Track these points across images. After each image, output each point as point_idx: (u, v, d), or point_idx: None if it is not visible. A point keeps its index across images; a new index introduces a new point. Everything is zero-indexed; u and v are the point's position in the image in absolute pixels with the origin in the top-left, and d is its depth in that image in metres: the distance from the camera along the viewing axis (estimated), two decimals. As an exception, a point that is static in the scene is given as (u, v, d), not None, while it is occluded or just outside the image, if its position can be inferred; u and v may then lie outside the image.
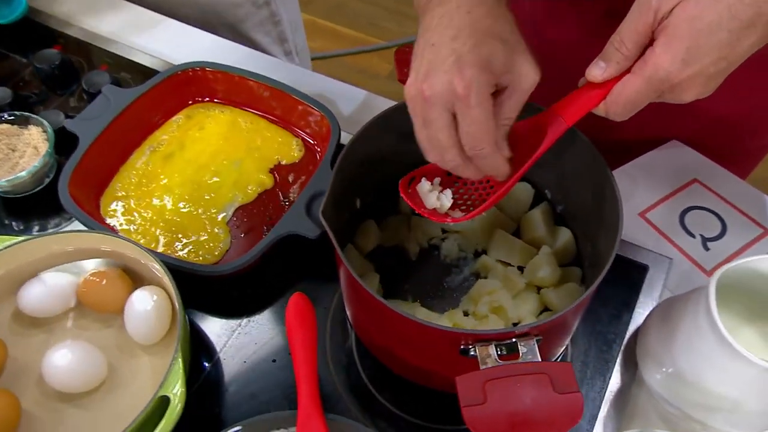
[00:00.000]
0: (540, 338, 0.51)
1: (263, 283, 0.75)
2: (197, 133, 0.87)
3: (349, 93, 0.93)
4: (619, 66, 0.49)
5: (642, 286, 0.72)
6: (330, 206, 0.60)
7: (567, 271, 0.69)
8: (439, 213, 0.61)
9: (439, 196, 0.61)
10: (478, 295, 0.67)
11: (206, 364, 0.69)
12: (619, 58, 0.49)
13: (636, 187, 0.82)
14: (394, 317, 0.52)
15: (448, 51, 0.48)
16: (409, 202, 0.60)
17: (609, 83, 0.51)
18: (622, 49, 0.49)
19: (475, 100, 0.47)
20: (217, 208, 0.80)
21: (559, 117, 0.54)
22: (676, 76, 0.47)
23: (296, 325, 0.54)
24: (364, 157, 0.67)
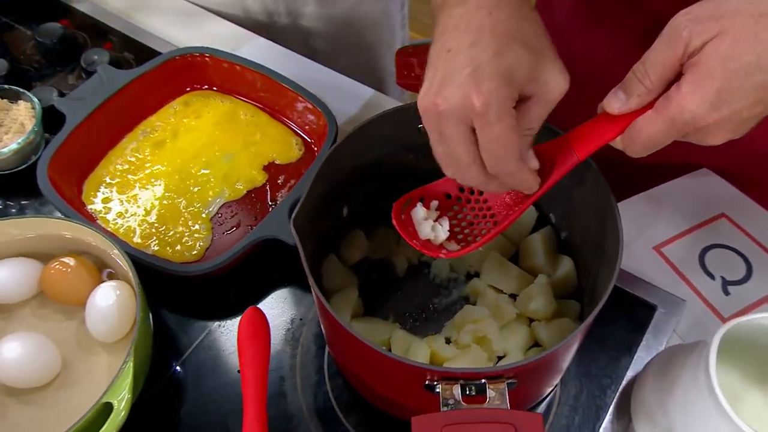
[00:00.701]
0: (514, 382, 0.47)
1: (239, 287, 0.73)
2: (193, 121, 0.85)
3: (358, 92, 0.89)
4: (640, 100, 0.46)
5: (647, 328, 0.67)
6: (305, 214, 0.57)
7: (564, 304, 0.65)
8: (432, 245, 0.57)
9: (434, 225, 0.57)
10: (462, 322, 0.64)
11: (175, 365, 0.67)
12: (641, 91, 0.45)
13: (655, 217, 0.77)
14: (357, 344, 0.49)
15: (465, 59, 0.44)
16: (401, 233, 0.56)
17: (627, 117, 0.47)
18: (645, 81, 0.45)
19: (495, 116, 0.43)
20: (201, 203, 0.77)
21: (572, 149, 0.50)
22: (703, 120, 0.43)
23: (248, 341, 0.51)
24: (353, 162, 0.64)
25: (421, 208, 0.57)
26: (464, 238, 0.58)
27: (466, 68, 0.44)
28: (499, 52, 0.44)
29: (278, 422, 0.63)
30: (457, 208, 0.59)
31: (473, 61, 0.44)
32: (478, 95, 0.43)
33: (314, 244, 0.64)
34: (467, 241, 0.58)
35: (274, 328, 0.69)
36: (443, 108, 0.44)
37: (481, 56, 0.44)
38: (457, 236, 0.58)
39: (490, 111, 0.43)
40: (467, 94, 0.43)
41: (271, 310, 0.71)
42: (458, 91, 0.44)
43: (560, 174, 0.51)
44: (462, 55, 0.44)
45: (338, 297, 0.66)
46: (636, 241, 0.75)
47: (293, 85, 0.82)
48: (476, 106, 0.43)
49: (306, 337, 0.69)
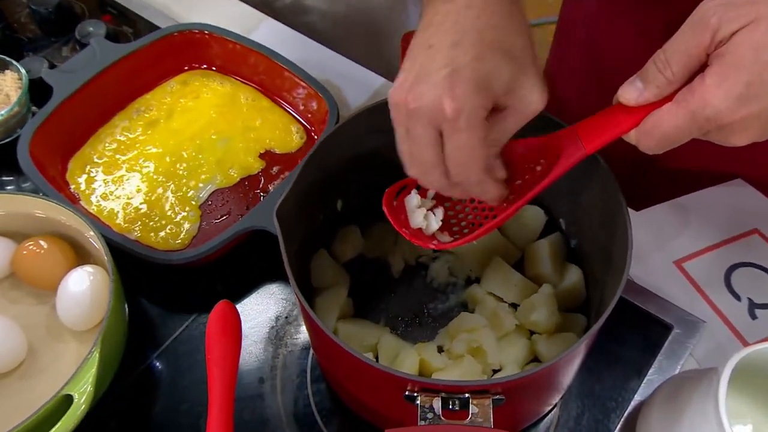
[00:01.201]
0: (501, 398, 0.45)
1: (226, 279, 0.72)
2: (190, 102, 0.85)
3: (368, 80, 0.88)
4: (659, 91, 0.44)
5: (661, 349, 0.65)
6: (292, 204, 0.56)
7: (569, 318, 0.63)
8: (423, 234, 0.56)
9: (427, 214, 0.55)
10: (456, 331, 0.62)
11: (151, 357, 0.67)
12: (661, 81, 0.44)
13: (679, 229, 0.74)
14: (336, 347, 0.47)
15: (444, 59, 0.44)
16: (390, 219, 0.54)
17: (644, 109, 0.45)
18: (666, 71, 0.43)
19: (465, 124, 0.43)
20: (192, 188, 0.76)
21: (578, 140, 0.49)
22: (727, 116, 0.41)
23: (217, 336, 0.50)
24: (349, 152, 0.63)
25: (416, 196, 0.56)
26: (459, 230, 0.57)
27: (443, 69, 0.43)
28: (479, 58, 0.43)
29: (253, 426, 0.61)
30: (455, 200, 0.57)
31: (452, 62, 0.43)
32: (450, 99, 0.43)
33: (303, 238, 0.63)
34: (462, 234, 0.56)
35: (258, 325, 0.68)
36: (414, 106, 0.44)
37: (460, 59, 0.43)
38: (451, 228, 0.57)
39: (461, 118, 0.43)
40: (440, 97, 0.43)
41: (256, 306, 0.70)
42: (432, 92, 0.43)
43: (565, 168, 0.49)
44: (442, 54, 0.44)
45: (326, 295, 0.65)
46: (655, 253, 0.72)
47: (294, 68, 0.80)
48: (447, 111, 0.43)
49: (290, 336, 0.68)
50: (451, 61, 0.43)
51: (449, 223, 0.57)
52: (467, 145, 0.44)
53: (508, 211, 0.52)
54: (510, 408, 0.49)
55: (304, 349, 0.67)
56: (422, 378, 0.45)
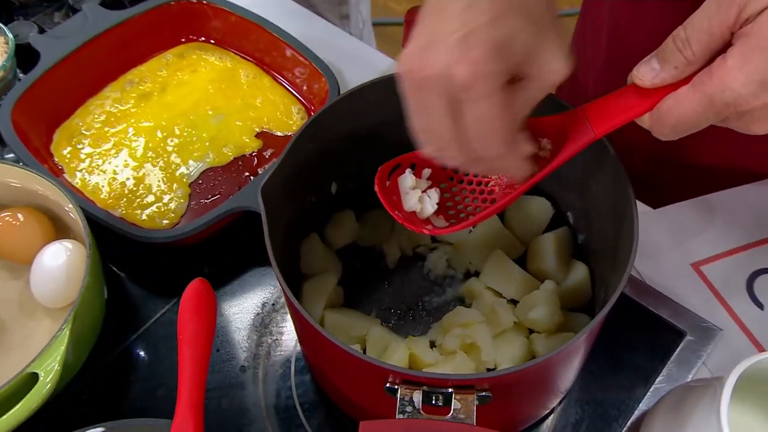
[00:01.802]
0: (487, 395, 0.45)
1: (214, 262, 0.72)
2: (187, 75, 0.85)
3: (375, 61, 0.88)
4: (677, 72, 0.43)
5: (671, 356, 0.64)
6: (279, 183, 0.56)
7: (571, 317, 0.63)
8: (417, 218, 0.55)
9: (422, 196, 0.55)
10: (450, 325, 0.61)
11: (129, 339, 0.67)
12: (680, 61, 0.42)
13: (700, 229, 0.73)
14: (314, 333, 0.47)
15: (456, 22, 0.42)
16: (382, 199, 0.54)
17: (660, 91, 0.44)
18: (685, 50, 0.42)
19: (482, 92, 0.42)
20: (181, 166, 0.77)
21: (587, 123, 0.48)
22: (748, 102, 0.40)
23: (189, 315, 0.50)
24: (344, 131, 0.63)
25: (410, 176, 0.55)
26: (455, 214, 0.56)
27: (456, 32, 0.41)
28: (496, 19, 0.41)
29: (231, 416, 0.62)
30: (453, 180, 0.56)
31: (466, 25, 0.41)
32: (465, 64, 0.41)
33: (292, 220, 0.63)
34: (458, 219, 0.55)
35: (243, 311, 0.69)
36: (425, 74, 0.42)
37: (475, 20, 0.41)
38: (447, 211, 0.56)
39: (477, 85, 0.41)
40: (453, 63, 0.41)
41: (242, 291, 0.70)
42: (444, 58, 0.41)
43: (572, 151, 0.48)
44: (455, 17, 0.42)
45: (314, 282, 0.65)
46: (671, 254, 0.71)
47: (298, 45, 0.80)
48: (462, 77, 0.41)
49: (276, 324, 0.68)
50: (464, 24, 0.41)
51: (445, 207, 0.56)
52: (486, 115, 0.42)
53: (509, 196, 0.52)
54: (498, 408, 0.48)
55: (290, 339, 0.67)
56: (403, 369, 0.44)
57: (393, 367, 0.45)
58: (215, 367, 0.65)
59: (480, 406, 0.45)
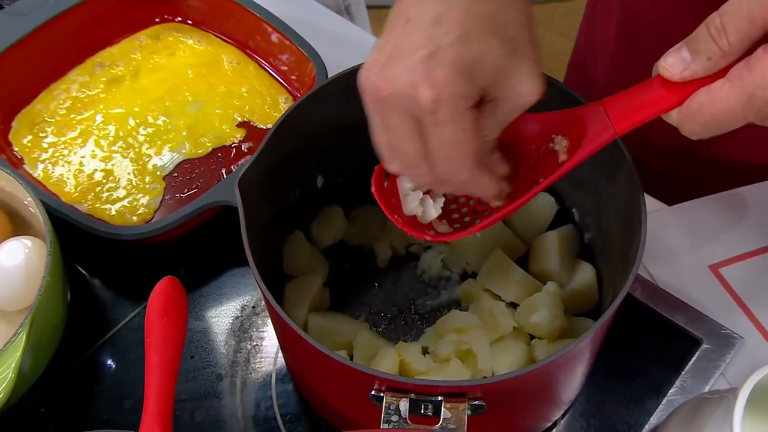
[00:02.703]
0: (480, 405, 0.46)
1: (190, 261, 0.73)
2: (164, 59, 0.86)
3: (368, 43, 0.88)
4: (710, 64, 0.42)
5: (686, 367, 0.64)
6: (259, 175, 0.57)
7: (576, 322, 0.63)
8: (418, 223, 0.55)
9: (423, 199, 0.55)
10: (445, 330, 0.62)
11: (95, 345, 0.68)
12: (714, 52, 0.41)
13: (720, 228, 0.74)
14: (297, 338, 0.48)
15: (422, 38, 0.42)
16: (380, 203, 0.54)
17: (690, 84, 0.43)
18: (720, 40, 0.41)
19: (446, 116, 0.42)
20: (156, 156, 0.77)
21: (606, 118, 0.47)
22: None
23: (158, 317, 0.51)
24: (330, 119, 0.63)
25: None
26: (460, 218, 0.56)
27: (421, 49, 0.42)
28: (464, 38, 0.42)
29: (205, 428, 0.62)
30: None
31: (431, 42, 0.42)
32: (427, 87, 0.41)
33: (274, 216, 0.63)
34: (463, 223, 0.56)
35: (220, 314, 0.70)
36: (386, 93, 0.43)
37: (442, 38, 0.42)
38: (450, 215, 0.57)
39: (440, 109, 0.42)
40: (415, 83, 0.42)
41: (220, 292, 0.71)
42: (406, 76, 0.42)
43: (589, 151, 0.48)
44: (421, 31, 0.42)
45: (298, 283, 0.65)
46: (687, 255, 0.72)
47: (281, 26, 0.81)
48: (424, 101, 0.42)
49: (257, 329, 0.69)
50: (430, 40, 0.42)
51: (448, 209, 0.57)
52: (451, 141, 0.43)
53: (520, 199, 0.51)
54: (493, 419, 0.49)
55: (271, 345, 0.68)
56: (390, 375, 0.45)
57: (378, 373, 0.46)
58: (189, 375, 0.66)
59: (472, 416, 0.45)
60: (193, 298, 0.70)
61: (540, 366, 0.46)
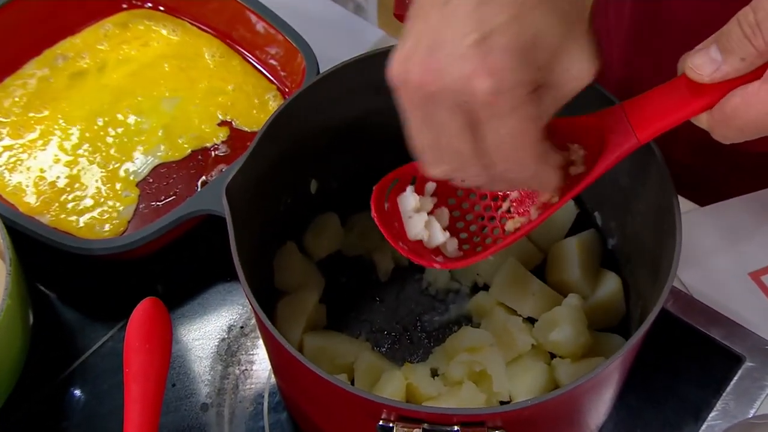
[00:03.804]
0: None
1: (169, 277, 0.74)
2: (134, 50, 0.86)
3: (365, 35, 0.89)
4: (744, 65, 0.43)
5: (727, 387, 0.65)
6: (247, 182, 0.58)
7: (601, 339, 0.64)
8: (425, 248, 0.56)
9: (429, 220, 0.56)
10: (455, 350, 0.63)
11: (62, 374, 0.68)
12: (748, 52, 0.42)
13: (760, 231, 0.75)
14: (291, 361, 0.49)
15: (470, 21, 0.41)
16: (383, 231, 0.54)
17: (721, 87, 0.44)
18: (755, 38, 0.42)
19: (508, 107, 0.42)
20: (126, 161, 0.78)
21: (627, 125, 0.49)
22: None
23: (138, 344, 0.52)
24: (327, 119, 0.64)
25: (412, 195, 0.56)
26: (469, 238, 0.57)
27: (470, 34, 0.41)
28: (518, 16, 0.41)
29: (190, 464, 0.63)
30: (462, 194, 0.57)
31: (482, 25, 0.41)
32: (486, 76, 0.41)
33: (265, 226, 0.64)
34: (473, 243, 0.56)
35: (204, 336, 0.70)
36: (434, 88, 0.42)
37: (493, 19, 0.41)
38: (459, 234, 0.57)
39: (502, 100, 0.41)
40: (470, 73, 0.41)
41: (204, 312, 0.72)
42: (457, 67, 0.41)
43: (610, 162, 0.49)
44: (466, 13, 0.41)
45: (292, 300, 0.66)
46: (724, 260, 0.73)
47: (266, 13, 0.81)
48: (483, 91, 0.41)
49: (246, 351, 0.69)
50: (479, 23, 0.41)
51: (455, 228, 0.57)
52: (514, 133, 0.43)
53: (540, 217, 0.53)
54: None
55: (262, 369, 0.68)
56: (400, 403, 0.46)
57: (386, 401, 0.47)
58: (170, 405, 0.66)
59: (493, 447, 0.46)
60: (173, 319, 0.70)
61: (566, 391, 0.47)
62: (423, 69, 0.43)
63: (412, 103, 0.45)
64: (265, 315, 0.51)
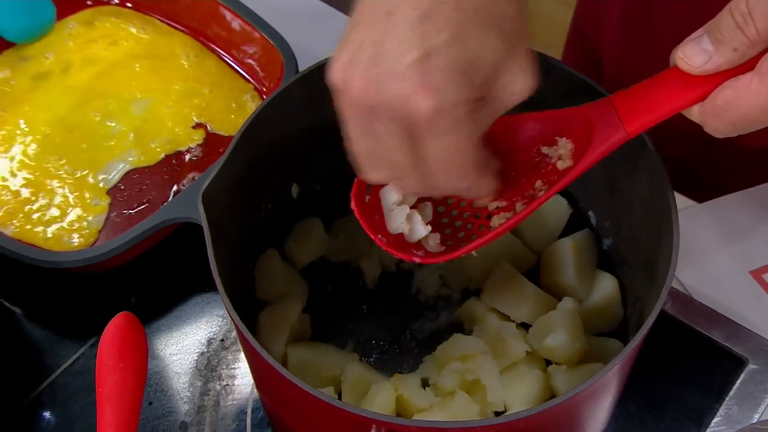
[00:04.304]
0: (498, 447, 0.47)
1: (142, 288, 0.74)
2: (102, 50, 0.86)
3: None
4: (736, 55, 0.44)
5: (730, 392, 0.65)
6: (224, 188, 0.58)
7: (599, 343, 0.65)
8: (406, 242, 0.56)
9: (411, 213, 0.56)
10: (447, 358, 0.63)
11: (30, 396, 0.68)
12: (740, 42, 0.43)
13: (760, 227, 0.75)
14: (275, 375, 0.49)
15: (411, 37, 0.43)
16: (362, 222, 0.55)
17: (713, 78, 0.45)
18: (748, 28, 0.42)
19: (448, 125, 0.44)
20: (95, 167, 0.78)
21: (615, 118, 0.49)
22: None
23: (112, 363, 0.52)
24: (307, 120, 0.65)
25: (395, 188, 0.57)
26: (453, 234, 0.58)
27: (411, 51, 0.43)
28: (460, 37, 0.43)
29: (169, 488, 0.63)
30: None
31: (424, 42, 0.43)
32: (426, 95, 0.43)
33: (244, 234, 0.64)
34: (457, 239, 0.57)
35: (182, 351, 0.70)
36: (373, 102, 0.44)
37: (435, 38, 0.43)
38: (443, 230, 0.58)
39: (442, 118, 0.43)
40: (411, 92, 0.43)
41: (181, 325, 0.72)
42: (398, 84, 0.43)
43: (597, 156, 0.50)
44: (407, 29, 0.43)
45: (274, 311, 0.66)
46: (723, 259, 0.74)
47: (239, 8, 0.82)
48: (421, 111, 0.43)
49: (227, 366, 0.69)
50: (421, 40, 0.43)
51: (440, 223, 0.58)
52: (454, 148, 0.45)
53: (522, 213, 0.53)
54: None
55: (244, 384, 0.68)
56: (390, 417, 0.46)
57: (376, 415, 0.46)
58: (147, 425, 0.66)
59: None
60: (149, 333, 0.70)
61: (564, 400, 0.47)
62: (365, 80, 0.44)
63: (352, 110, 0.46)
64: (245, 327, 0.51)
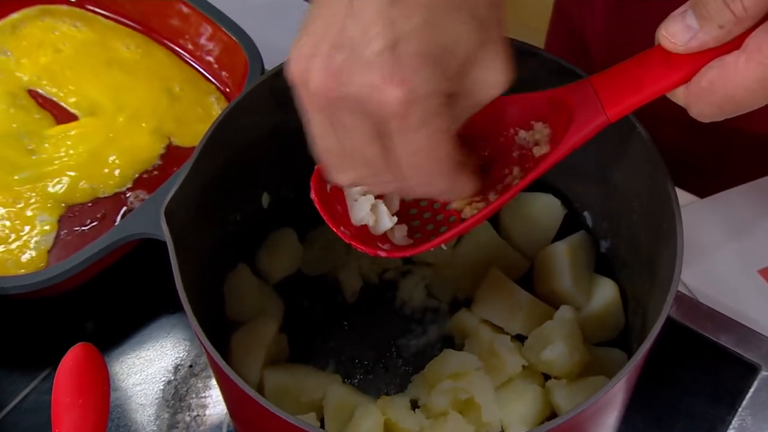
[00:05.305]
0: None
1: (99, 313, 0.74)
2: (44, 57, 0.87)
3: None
4: (722, 33, 0.45)
5: (743, 401, 0.67)
6: (188, 200, 0.58)
7: (600, 354, 0.66)
8: (370, 234, 0.57)
9: (376, 204, 0.57)
10: (437, 377, 0.64)
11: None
12: (726, 18, 0.44)
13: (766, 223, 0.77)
14: (250, 402, 0.50)
15: (378, 23, 0.43)
16: (322, 211, 0.56)
17: (698, 57, 0.46)
18: (734, 4, 0.43)
19: (418, 119, 0.44)
20: (39, 182, 0.78)
21: (597, 102, 0.50)
22: None
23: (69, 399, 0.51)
24: (273, 124, 0.65)
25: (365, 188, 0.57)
26: (422, 225, 0.58)
27: (378, 38, 0.42)
28: (432, 22, 0.43)
29: None
30: None
31: (392, 28, 0.42)
32: (394, 86, 0.42)
33: (212, 248, 0.65)
34: (425, 231, 0.58)
35: (147, 380, 0.71)
36: (337, 94, 0.44)
37: (405, 23, 0.42)
38: (411, 222, 0.58)
39: (413, 111, 0.43)
40: (378, 83, 0.43)
41: (145, 351, 0.72)
42: (364, 75, 0.43)
43: (575, 141, 0.50)
44: (374, 14, 0.43)
45: (247, 331, 0.67)
46: (730, 258, 0.75)
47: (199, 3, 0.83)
48: (390, 104, 0.43)
49: (197, 394, 0.70)
50: (389, 26, 0.42)
51: (407, 214, 0.58)
52: (427, 147, 0.45)
53: (494, 203, 0.53)
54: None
55: (216, 413, 0.69)
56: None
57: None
58: (110, 464, 0.66)
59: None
60: (108, 363, 0.70)
61: (566, 420, 0.48)
62: (326, 71, 0.44)
63: (313, 105, 0.46)
64: (216, 351, 0.52)
